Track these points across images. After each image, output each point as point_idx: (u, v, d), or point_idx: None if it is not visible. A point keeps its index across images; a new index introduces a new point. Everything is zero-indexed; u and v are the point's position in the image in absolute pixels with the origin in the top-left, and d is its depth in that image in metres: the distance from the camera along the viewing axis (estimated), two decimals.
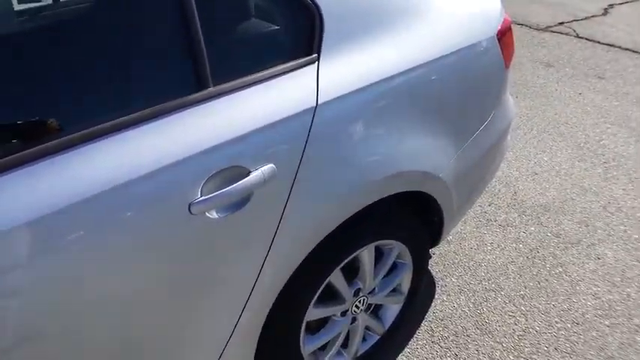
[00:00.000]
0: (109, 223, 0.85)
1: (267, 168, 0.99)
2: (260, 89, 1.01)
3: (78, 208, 0.81)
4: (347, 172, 1.13)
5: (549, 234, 2.32)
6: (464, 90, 1.45)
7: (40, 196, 0.78)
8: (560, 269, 2.12)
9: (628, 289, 2.03)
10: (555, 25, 5.27)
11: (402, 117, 1.23)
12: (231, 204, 0.98)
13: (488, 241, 2.26)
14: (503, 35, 1.60)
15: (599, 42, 4.77)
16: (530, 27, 5.27)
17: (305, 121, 1.04)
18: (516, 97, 3.68)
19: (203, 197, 0.93)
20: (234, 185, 0.95)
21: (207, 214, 0.95)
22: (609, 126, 3.29)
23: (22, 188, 0.77)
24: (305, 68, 1.08)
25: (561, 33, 5.05)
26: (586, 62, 4.33)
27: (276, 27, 1.10)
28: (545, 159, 2.91)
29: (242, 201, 0.99)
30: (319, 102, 1.06)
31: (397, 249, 1.48)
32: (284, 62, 1.06)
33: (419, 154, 1.31)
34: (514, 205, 2.49)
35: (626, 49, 4.54)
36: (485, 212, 2.44)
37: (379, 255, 1.47)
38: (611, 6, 5.72)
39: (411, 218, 1.48)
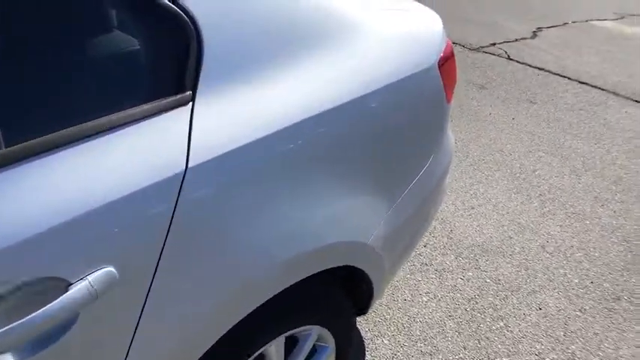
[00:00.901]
0: None
1: (101, 274, 0.63)
2: (92, 148, 0.65)
3: None
4: (235, 262, 0.79)
5: (488, 280, 2.11)
6: (396, 134, 1.17)
7: None
8: (501, 323, 1.90)
9: (572, 347, 1.84)
10: (488, 46, 5.25)
11: (315, 175, 0.91)
12: (36, 339, 0.61)
13: (424, 290, 2.01)
14: (445, 62, 1.34)
15: (529, 65, 4.78)
16: (463, 46, 5.22)
17: (167, 195, 0.69)
18: (452, 121, 3.52)
19: None
20: (40, 311, 0.59)
21: None
22: (542, 154, 3.19)
23: None
24: (172, 113, 0.73)
25: (493, 54, 5.03)
26: (518, 85, 4.29)
27: (132, 49, 0.75)
28: (482, 190, 2.74)
29: (59, 329, 0.63)
30: (190, 164, 0.71)
31: (316, 332, 1.17)
32: (138, 104, 0.71)
33: (338, 222, 1.00)
34: (451, 246, 2.27)
35: (556, 74, 4.56)
36: (420, 255, 2.19)
37: (293, 341, 1.15)
38: (540, 29, 5.82)
39: (332, 294, 1.17)
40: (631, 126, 3.72)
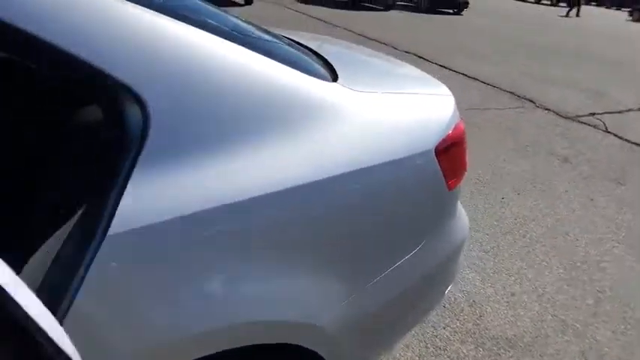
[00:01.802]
0: None
1: None
2: None
3: None
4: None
5: None
6: (367, 222, 1.16)
7: None
8: None
9: None
10: (585, 116, 4.90)
11: (238, 256, 0.94)
12: None
13: None
14: (449, 148, 1.32)
15: (627, 140, 4.37)
16: (557, 114, 4.92)
17: None
18: (518, 194, 3.32)
19: None
20: None
21: None
22: (616, 244, 2.87)
23: None
24: None
25: (589, 125, 4.67)
26: (608, 162, 3.93)
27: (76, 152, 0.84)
28: (529, 276, 2.52)
29: None
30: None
31: None
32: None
33: (276, 301, 1.01)
34: (474, 333, 2.12)
35: None
36: (437, 336, 2.07)
37: None
38: None
39: None
40: None
